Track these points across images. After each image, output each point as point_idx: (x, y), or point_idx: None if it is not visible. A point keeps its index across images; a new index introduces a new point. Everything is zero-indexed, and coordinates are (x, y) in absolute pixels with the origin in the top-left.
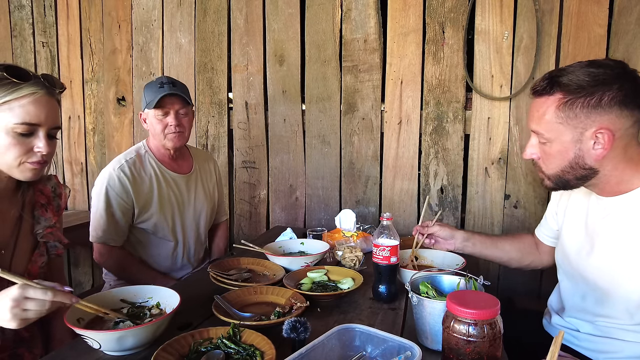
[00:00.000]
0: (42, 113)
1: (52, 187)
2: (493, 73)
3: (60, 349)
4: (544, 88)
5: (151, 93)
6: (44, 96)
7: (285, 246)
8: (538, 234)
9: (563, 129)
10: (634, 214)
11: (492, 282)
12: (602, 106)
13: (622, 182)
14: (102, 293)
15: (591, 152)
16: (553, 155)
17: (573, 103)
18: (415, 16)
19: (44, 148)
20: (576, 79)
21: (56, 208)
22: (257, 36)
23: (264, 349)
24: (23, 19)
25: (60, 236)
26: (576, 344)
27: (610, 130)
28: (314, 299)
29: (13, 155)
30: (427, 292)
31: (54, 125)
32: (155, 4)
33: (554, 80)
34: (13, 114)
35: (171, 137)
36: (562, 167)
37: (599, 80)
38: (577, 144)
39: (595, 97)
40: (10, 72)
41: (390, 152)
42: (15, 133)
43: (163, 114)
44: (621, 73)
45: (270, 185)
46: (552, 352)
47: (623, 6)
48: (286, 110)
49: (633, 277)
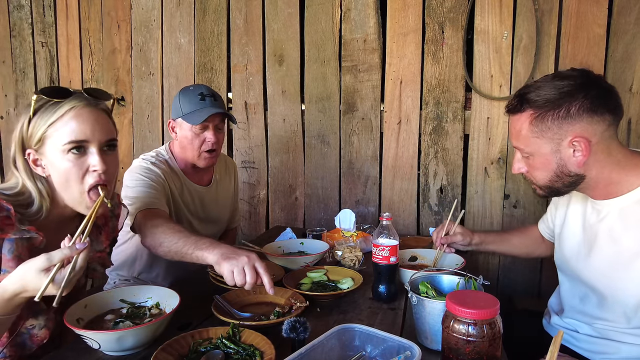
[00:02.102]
0: (87, 127)
1: (112, 206)
2: (492, 73)
3: (59, 349)
4: (514, 106)
5: (190, 104)
6: (84, 108)
7: (284, 246)
8: (540, 228)
9: (540, 142)
10: (627, 218)
11: (491, 282)
12: (572, 116)
13: (611, 184)
14: (102, 293)
15: (572, 160)
16: (537, 167)
17: (544, 117)
18: (415, 16)
19: (99, 165)
20: (543, 94)
21: (111, 230)
22: (257, 36)
23: (263, 349)
24: (22, 19)
25: (105, 260)
26: (575, 345)
27: (585, 137)
28: (314, 299)
29: (74, 179)
30: (427, 291)
31: (105, 138)
32: (155, 4)
33: (523, 98)
34: (60, 134)
35: (205, 156)
36: (549, 177)
37: (564, 92)
38: (556, 154)
39: (563, 109)
40: (48, 92)
41: (390, 152)
42: (68, 154)
43: (201, 129)
44: (585, 82)
45: (269, 185)
46: (552, 352)
47: (622, 6)
48: (285, 110)
49: (630, 281)
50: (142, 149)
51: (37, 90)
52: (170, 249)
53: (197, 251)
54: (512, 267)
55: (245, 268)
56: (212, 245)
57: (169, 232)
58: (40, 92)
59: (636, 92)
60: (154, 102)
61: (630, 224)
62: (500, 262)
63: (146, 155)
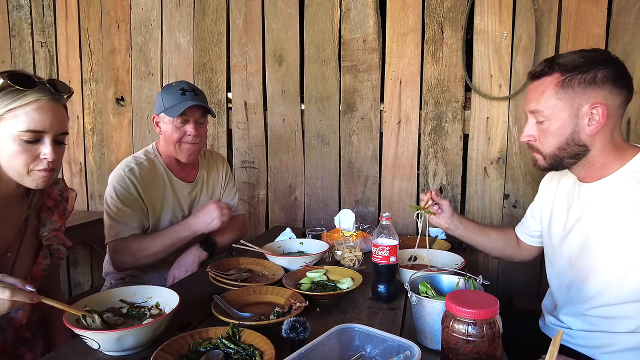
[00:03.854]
0: (47, 120)
1: (60, 190)
2: (492, 73)
3: (59, 349)
4: (542, 69)
5: (171, 98)
6: (48, 102)
7: (284, 246)
8: (517, 231)
9: (562, 105)
10: (611, 197)
11: (491, 282)
12: (597, 82)
13: (605, 165)
14: (101, 293)
15: (586, 129)
16: (551, 132)
17: (571, 80)
18: (414, 16)
19: (50, 155)
20: (572, 60)
21: (62, 211)
22: (256, 36)
23: (263, 349)
24: (22, 19)
25: (64, 239)
26: (571, 342)
27: (604, 105)
28: (313, 299)
29: (21, 162)
30: (427, 291)
31: (60, 131)
32: (154, 4)
33: (553, 62)
34: (18, 121)
35: (186, 148)
36: (559, 144)
37: (592, 60)
38: (574, 119)
39: (590, 74)
40: (14, 79)
41: (390, 152)
42: (21, 140)
43: (182, 122)
44: (609, 57)
45: (269, 185)
46: (551, 351)
47: (621, 6)
48: (285, 110)
49: (611, 260)
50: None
51: (3, 72)
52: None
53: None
54: (512, 267)
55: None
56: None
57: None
58: (8, 77)
59: (635, 92)
60: (154, 102)
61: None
62: (500, 262)
63: (124, 163)
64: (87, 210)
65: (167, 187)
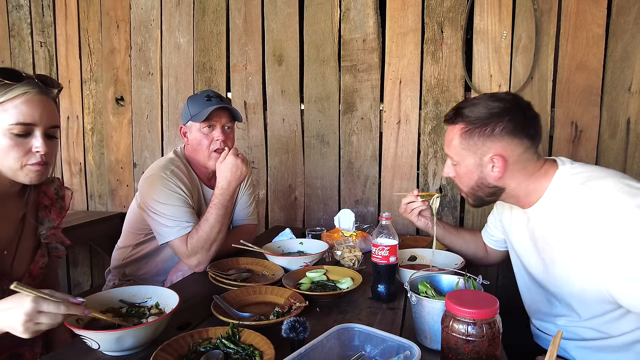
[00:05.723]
0: (37, 112)
1: (56, 189)
2: (492, 73)
3: (59, 349)
4: (450, 118)
5: (197, 106)
6: (36, 95)
7: (284, 246)
8: (483, 235)
9: (466, 154)
10: (551, 218)
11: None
12: (495, 135)
13: (530, 194)
14: (102, 293)
15: (491, 174)
16: (462, 175)
17: (472, 132)
18: (414, 16)
19: (41, 147)
20: (476, 111)
21: (59, 210)
22: (256, 36)
23: (263, 348)
24: (21, 19)
25: (62, 237)
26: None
27: (503, 156)
28: (313, 299)
29: (13, 157)
30: (426, 291)
31: (50, 124)
32: (154, 4)
33: (459, 112)
34: (7, 115)
35: (215, 157)
36: (472, 186)
37: (493, 113)
38: (478, 167)
39: (489, 128)
40: (1, 74)
41: (389, 152)
42: (12, 134)
43: (209, 128)
44: (513, 107)
45: (269, 185)
46: (551, 351)
47: (621, 6)
48: (285, 110)
49: (566, 279)
50: (141, 148)
51: None
52: (216, 228)
53: (218, 203)
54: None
55: (230, 160)
56: (215, 195)
57: (200, 229)
58: None
59: (635, 91)
60: (153, 102)
61: (551, 224)
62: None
63: (164, 164)
64: (87, 210)
65: (200, 192)
